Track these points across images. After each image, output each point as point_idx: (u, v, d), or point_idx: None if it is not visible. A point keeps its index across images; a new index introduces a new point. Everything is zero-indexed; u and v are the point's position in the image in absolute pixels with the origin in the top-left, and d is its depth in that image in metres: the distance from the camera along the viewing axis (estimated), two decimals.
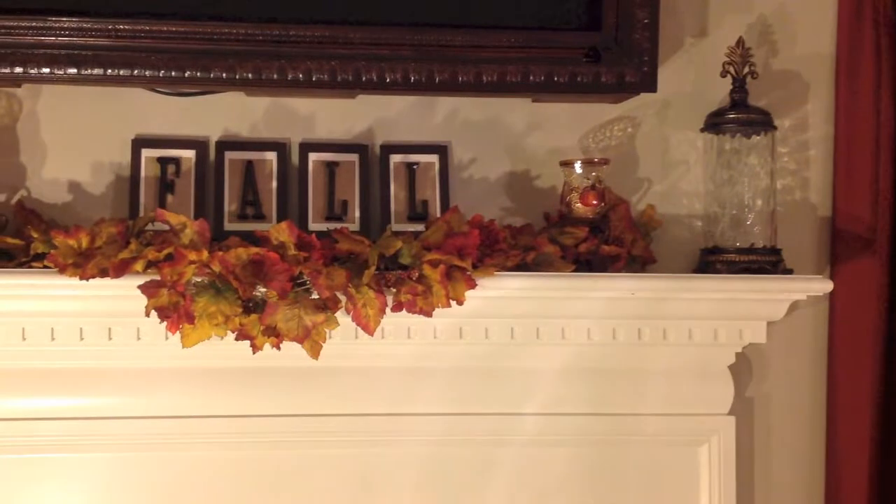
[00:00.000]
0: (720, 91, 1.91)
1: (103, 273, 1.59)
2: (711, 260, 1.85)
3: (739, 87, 1.86)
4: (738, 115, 1.85)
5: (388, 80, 1.78)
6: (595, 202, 1.82)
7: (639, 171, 1.96)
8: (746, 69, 1.86)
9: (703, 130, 1.90)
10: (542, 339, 1.79)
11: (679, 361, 1.85)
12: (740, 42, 1.86)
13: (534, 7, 1.82)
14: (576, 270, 1.76)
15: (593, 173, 1.83)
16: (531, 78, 1.79)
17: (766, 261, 1.83)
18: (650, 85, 1.82)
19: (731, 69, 1.86)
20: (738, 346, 1.87)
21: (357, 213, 1.86)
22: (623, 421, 1.86)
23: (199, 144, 1.84)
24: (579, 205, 1.82)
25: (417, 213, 1.87)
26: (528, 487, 1.86)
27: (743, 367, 1.95)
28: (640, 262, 1.87)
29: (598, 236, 1.82)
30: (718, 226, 1.87)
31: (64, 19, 1.69)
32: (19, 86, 1.81)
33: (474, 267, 1.68)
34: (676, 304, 1.79)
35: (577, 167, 1.83)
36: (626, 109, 1.95)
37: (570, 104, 1.93)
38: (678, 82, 1.94)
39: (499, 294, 1.72)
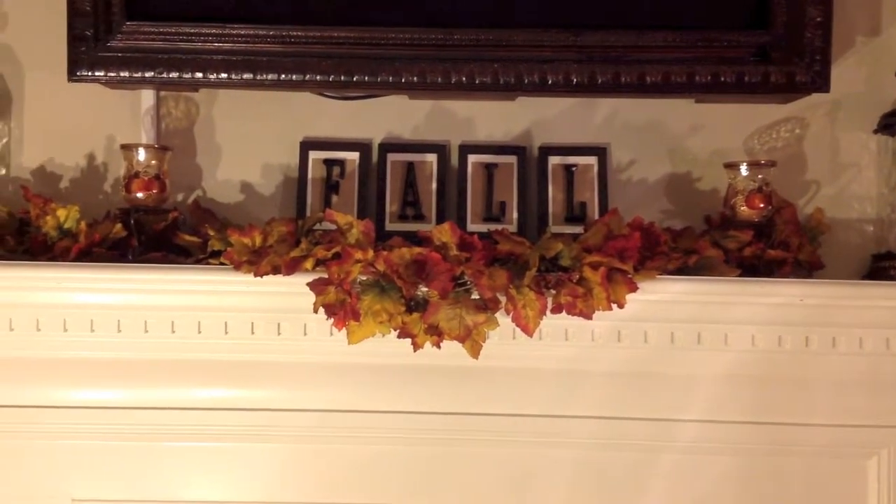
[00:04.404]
0: (893, 91, 1.84)
1: (276, 270, 1.66)
2: (884, 266, 1.79)
3: None
4: None
5: (549, 82, 1.78)
6: (761, 205, 1.78)
7: (807, 173, 1.91)
8: None
9: (876, 132, 1.84)
10: (703, 344, 1.76)
11: (848, 371, 1.78)
12: None
13: (699, 6, 1.78)
14: (740, 275, 1.72)
15: (759, 175, 1.79)
16: (696, 78, 1.77)
17: None
18: (822, 85, 1.76)
19: None
20: None
21: (515, 215, 1.87)
22: (787, 431, 1.80)
23: (362, 147, 1.89)
24: (744, 208, 1.79)
25: (575, 214, 1.87)
26: (685, 494, 1.83)
27: None
28: (806, 268, 1.81)
29: (763, 240, 1.77)
30: (892, 230, 1.80)
31: (241, 26, 1.76)
32: (196, 90, 1.90)
33: (635, 270, 1.66)
34: (847, 312, 1.72)
35: (743, 169, 1.79)
36: (794, 110, 1.90)
37: (733, 105, 1.89)
38: (849, 82, 1.88)
39: (659, 297, 1.70)
